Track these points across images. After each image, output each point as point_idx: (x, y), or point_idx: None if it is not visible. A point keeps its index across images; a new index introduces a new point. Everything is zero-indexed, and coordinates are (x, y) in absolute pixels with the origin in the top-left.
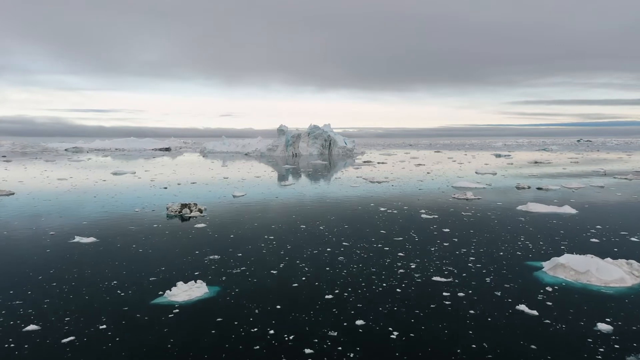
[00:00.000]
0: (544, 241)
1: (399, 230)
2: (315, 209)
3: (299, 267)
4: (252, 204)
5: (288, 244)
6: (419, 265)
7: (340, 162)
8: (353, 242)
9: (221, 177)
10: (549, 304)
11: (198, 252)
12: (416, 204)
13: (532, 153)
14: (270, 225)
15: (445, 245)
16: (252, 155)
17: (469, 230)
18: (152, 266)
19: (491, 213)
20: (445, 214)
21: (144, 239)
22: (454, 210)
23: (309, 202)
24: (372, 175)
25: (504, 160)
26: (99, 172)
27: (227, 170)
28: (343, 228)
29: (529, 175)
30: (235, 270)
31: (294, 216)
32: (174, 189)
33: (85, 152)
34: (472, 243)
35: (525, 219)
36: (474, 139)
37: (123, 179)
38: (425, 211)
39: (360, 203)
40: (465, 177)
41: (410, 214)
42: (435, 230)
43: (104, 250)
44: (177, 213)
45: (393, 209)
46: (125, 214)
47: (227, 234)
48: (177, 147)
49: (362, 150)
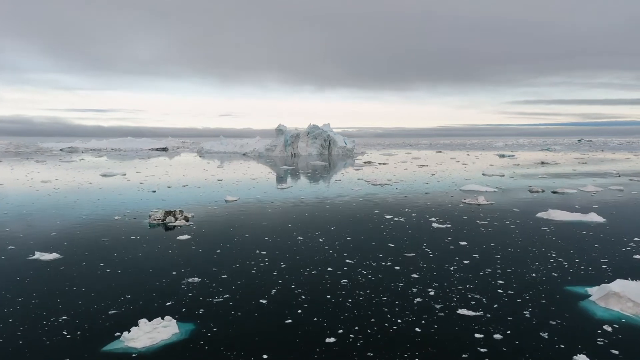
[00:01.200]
0: (580, 258)
1: (409, 244)
2: (314, 217)
3: (293, 294)
4: (245, 211)
5: (282, 261)
6: (438, 291)
7: (340, 162)
8: (358, 259)
9: (215, 179)
10: (614, 352)
11: (175, 273)
12: (425, 211)
13: (536, 153)
14: (263, 238)
15: (465, 264)
16: (250, 156)
17: (489, 243)
18: (115, 294)
19: (509, 222)
20: (458, 222)
21: (115, 256)
22: (467, 219)
23: (307, 209)
24: (374, 177)
25: (509, 160)
26: (88, 173)
27: (222, 172)
28: (345, 241)
29: (539, 177)
30: (216, 298)
31: (290, 225)
32: (163, 192)
33: (80, 152)
34: (496, 261)
35: (549, 229)
36: (474, 139)
37: (111, 182)
38: (435, 219)
39: (363, 209)
40: (472, 179)
41: (419, 223)
42: (451, 243)
43: (63, 272)
44: (160, 221)
45: (400, 216)
46: (102, 222)
47: (213, 248)
48: (174, 147)
49: (362, 150)
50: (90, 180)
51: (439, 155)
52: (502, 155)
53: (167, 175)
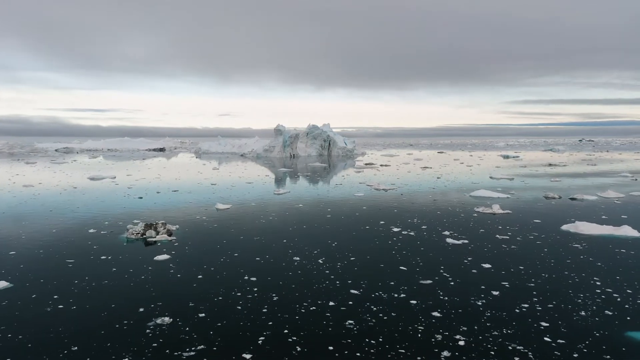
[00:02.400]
0: (631, 287)
1: (423, 266)
2: (313, 230)
3: (286, 345)
4: (236, 222)
5: (275, 292)
6: (469, 339)
7: (341, 163)
8: (365, 288)
9: (209, 183)
10: None
11: (142, 310)
12: (435, 222)
13: (540, 153)
14: (254, 258)
15: (495, 296)
16: (248, 157)
17: (517, 266)
18: (58, 343)
19: (533, 237)
20: (475, 237)
21: (75, 284)
22: (485, 232)
23: (305, 219)
24: (377, 180)
25: (514, 162)
26: (76, 176)
27: (217, 174)
28: (349, 262)
29: (550, 180)
30: (187, 351)
31: (285, 241)
32: (150, 198)
33: (76, 153)
34: (530, 292)
35: (582, 247)
36: (474, 139)
37: (97, 186)
38: (449, 233)
39: (367, 220)
40: (481, 183)
41: (432, 238)
42: (472, 265)
43: (3, 309)
44: (139, 236)
45: (409, 229)
46: (73, 238)
47: (194, 273)
48: (171, 147)
49: (363, 151)
50: (76, 185)
51: (441, 156)
52: (506, 156)
53: (159, 179)
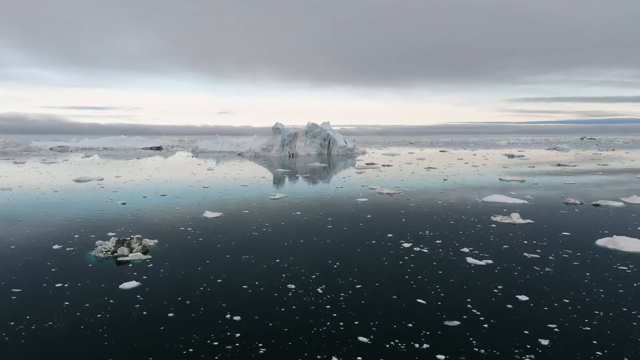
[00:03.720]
0: None
1: (445, 299)
2: (311, 246)
3: None
4: (225, 234)
5: (263, 340)
6: None
7: (341, 163)
8: (377, 334)
9: (201, 186)
10: None
11: None
12: (450, 235)
13: (545, 152)
14: (240, 286)
15: (545, 347)
16: (245, 156)
17: (560, 298)
18: None
19: (567, 255)
20: (499, 255)
21: (10, 327)
22: (509, 249)
23: (302, 231)
24: (380, 182)
25: (520, 161)
26: (62, 178)
27: (211, 176)
28: (355, 292)
29: (564, 182)
30: None
31: (279, 261)
32: (135, 204)
33: (70, 152)
34: (589, 339)
35: (631, 270)
36: (474, 137)
37: (80, 189)
38: (468, 250)
39: (373, 232)
40: (491, 186)
41: (449, 257)
42: (505, 297)
43: None
44: (109, 254)
45: (421, 244)
46: (33, 255)
47: (165, 308)
48: (169, 145)
49: (363, 150)
50: (59, 188)
51: (444, 155)
52: (511, 155)
53: (149, 181)
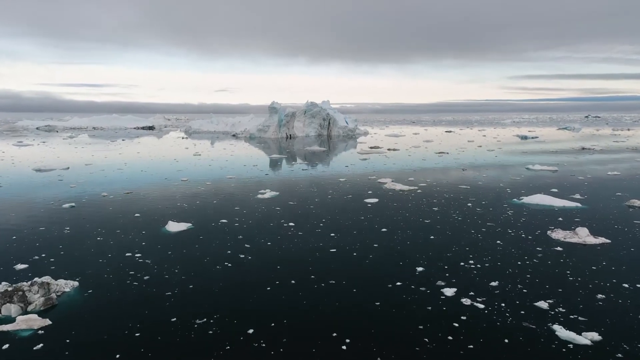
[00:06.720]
0: None
1: None
2: (306, 291)
3: None
4: (186, 264)
5: None
6: None
7: (342, 145)
8: None
9: (179, 178)
10: None
11: None
12: (510, 271)
13: (556, 132)
14: None
15: None
16: (240, 137)
17: None
18: None
19: None
20: (600, 318)
21: None
22: (607, 301)
23: (295, 257)
24: (389, 172)
25: (536, 144)
26: (23, 166)
27: (196, 162)
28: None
29: (607, 174)
30: None
31: (257, 330)
32: (84, 208)
33: (56, 132)
34: None
35: None
36: (476, 115)
37: (35, 183)
38: (549, 306)
39: (396, 264)
40: (520, 179)
41: (526, 327)
42: None
43: None
44: None
45: (471, 290)
46: None
47: None
48: (161, 125)
49: (365, 130)
50: (4, 182)
51: (451, 136)
52: (524, 136)
53: (121, 171)
